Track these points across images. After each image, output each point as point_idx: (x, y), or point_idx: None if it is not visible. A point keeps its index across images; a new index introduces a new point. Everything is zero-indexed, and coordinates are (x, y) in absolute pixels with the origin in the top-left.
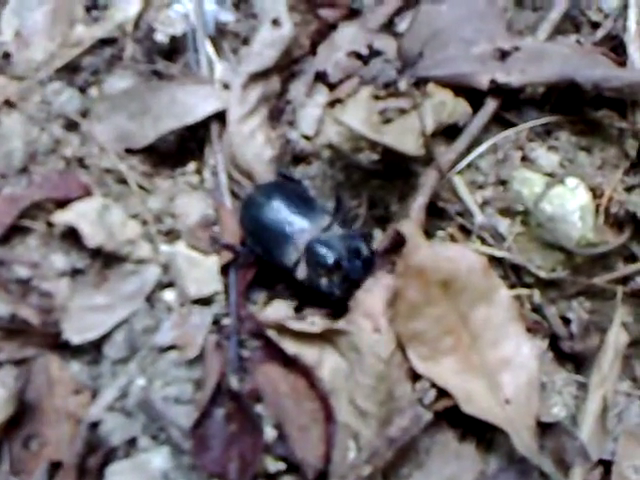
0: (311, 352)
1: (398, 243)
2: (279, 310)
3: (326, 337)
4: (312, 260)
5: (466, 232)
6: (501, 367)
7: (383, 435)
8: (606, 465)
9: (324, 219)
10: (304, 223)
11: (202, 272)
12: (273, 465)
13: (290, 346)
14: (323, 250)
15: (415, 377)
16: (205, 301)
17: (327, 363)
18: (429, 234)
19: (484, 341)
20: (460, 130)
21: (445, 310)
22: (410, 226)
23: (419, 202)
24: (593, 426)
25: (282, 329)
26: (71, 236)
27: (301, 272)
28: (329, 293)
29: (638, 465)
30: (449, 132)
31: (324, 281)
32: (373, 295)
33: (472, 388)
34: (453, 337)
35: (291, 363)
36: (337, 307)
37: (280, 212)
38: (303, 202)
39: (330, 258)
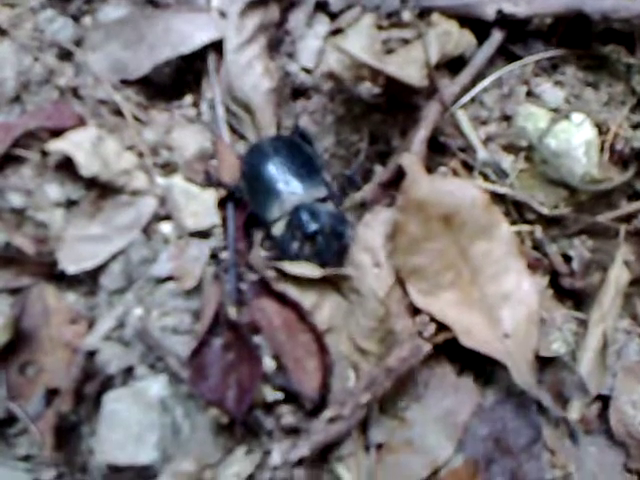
0: (310, 295)
1: (398, 177)
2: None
3: (326, 281)
4: (294, 222)
5: (468, 168)
6: (501, 302)
7: (382, 365)
8: (604, 400)
9: (321, 190)
10: (299, 187)
11: (199, 205)
12: (271, 395)
13: (288, 288)
14: (308, 218)
15: (415, 312)
16: (203, 234)
17: (327, 303)
18: (430, 170)
19: (484, 276)
20: (464, 63)
21: (445, 245)
22: (411, 160)
23: (420, 135)
24: (592, 362)
25: (281, 272)
26: (66, 167)
27: (277, 229)
28: (295, 257)
29: (636, 400)
30: (453, 65)
31: (295, 245)
32: (372, 229)
33: (471, 322)
34: (453, 272)
35: (284, 298)
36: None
37: (280, 168)
38: (307, 166)
39: (311, 227)
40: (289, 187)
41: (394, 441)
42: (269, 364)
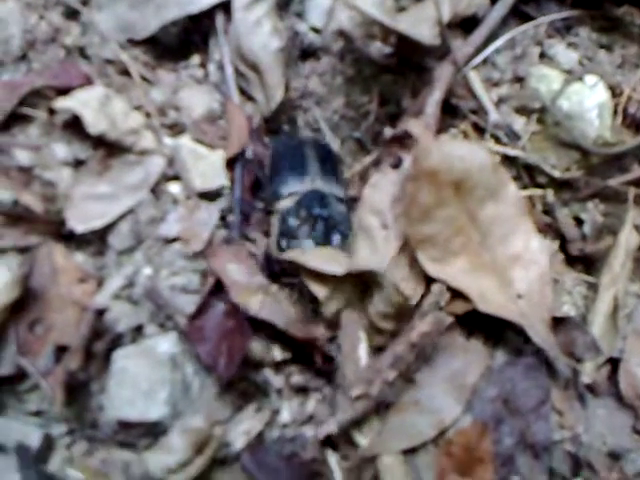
0: (327, 285)
1: (406, 138)
2: None
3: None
4: (303, 200)
5: (480, 130)
6: (511, 263)
7: (406, 340)
8: (614, 363)
9: (340, 192)
10: (323, 178)
11: (207, 166)
12: (280, 354)
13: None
14: (318, 202)
15: (426, 281)
16: (211, 195)
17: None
18: (441, 132)
19: (493, 238)
20: (477, 24)
21: (456, 210)
22: (421, 126)
23: (435, 97)
24: (603, 325)
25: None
26: (73, 126)
27: (284, 204)
28: (290, 235)
29: None
30: (466, 25)
31: (293, 221)
32: (380, 191)
33: (484, 286)
34: (463, 237)
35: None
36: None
37: (311, 158)
38: (336, 170)
39: (317, 210)
40: (314, 173)
41: (402, 401)
42: None
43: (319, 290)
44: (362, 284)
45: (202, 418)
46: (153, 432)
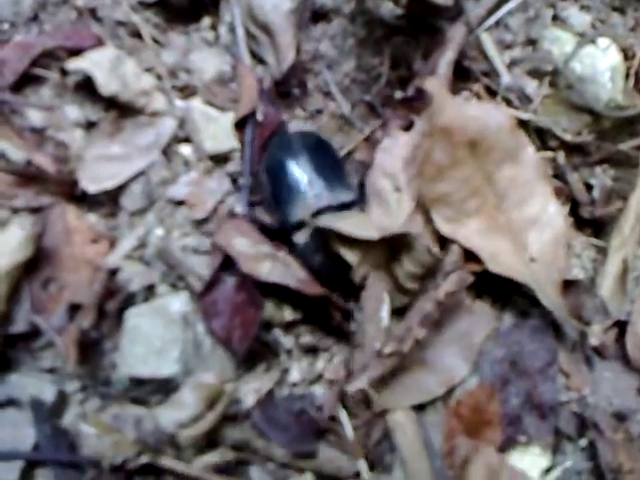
0: (358, 250)
1: (417, 100)
2: None
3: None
4: (317, 232)
5: (491, 93)
6: (527, 226)
7: (432, 298)
8: (622, 326)
9: (346, 195)
10: (325, 189)
11: (218, 128)
12: (290, 314)
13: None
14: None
15: (440, 240)
16: (222, 158)
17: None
18: (453, 94)
19: (510, 201)
20: None
21: (471, 171)
22: (436, 84)
23: (447, 57)
24: (612, 287)
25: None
26: (85, 88)
27: (300, 237)
28: (319, 271)
29: None
30: None
31: (318, 257)
32: (392, 154)
33: (497, 248)
34: (479, 198)
35: None
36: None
37: (308, 167)
38: (334, 167)
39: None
40: (315, 188)
41: (408, 361)
42: None
43: (351, 256)
44: (391, 247)
45: (213, 375)
46: (165, 389)
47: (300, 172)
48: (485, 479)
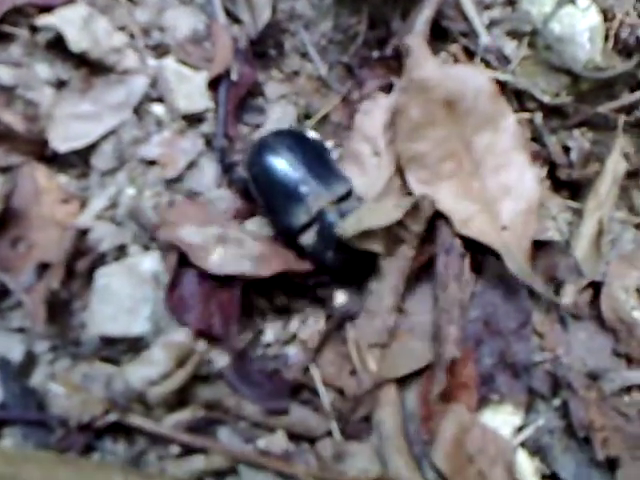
0: None
1: (396, 60)
2: None
3: None
4: (325, 230)
5: (470, 54)
6: (501, 195)
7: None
8: (596, 288)
9: (342, 186)
10: (321, 186)
11: (191, 87)
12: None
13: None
14: (334, 223)
15: None
16: (196, 118)
17: None
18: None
19: (486, 168)
20: None
21: (448, 133)
22: (416, 39)
23: (425, 16)
24: (587, 248)
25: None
26: (55, 46)
27: (307, 238)
28: (331, 267)
29: (628, 285)
30: None
31: (330, 255)
32: (371, 118)
33: (470, 213)
34: (455, 162)
35: None
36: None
37: (297, 167)
38: (323, 162)
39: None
40: (311, 188)
41: (399, 330)
42: None
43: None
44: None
45: (184, 333)
46: (136, 348)
47: (291, 175)
48: (456, 437)
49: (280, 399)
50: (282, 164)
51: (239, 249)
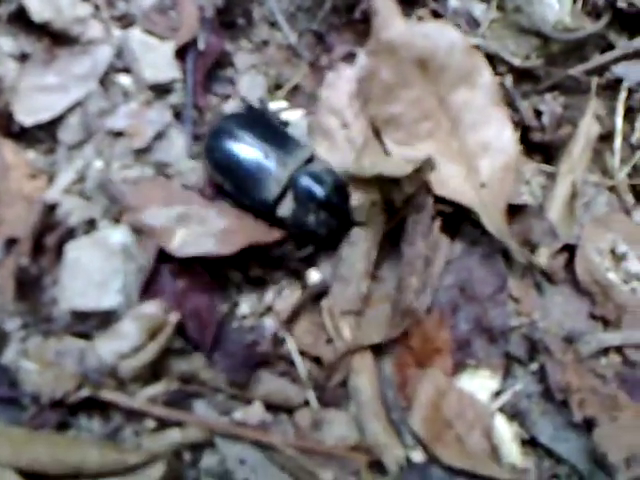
0: None
1: (362, 21)
2: None
3: None
4: (302, 195)
5: (439, 17)
6: (480, 151)
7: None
8: (571, 252)
9: (305, 151)
10: (285, 155)
11: (158, 57)
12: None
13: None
14: (315, 184)
15: None
16: (163, 89)
17: None
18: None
19: (464, 125)
20: None
21: (422, 92)
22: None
23: None
24: (561, 211)
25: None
26: (18, 19)
27: (285, 209)
28: (316, 231)
29: (602, 248)
30: None
31: (312, 218)
32: (337, 90)
33: (448, 172)
34: (431, 121)
35: None
36: (318, 245)
37: (256, 143)
38: (278, 133)
39: (322, 193)
40: (275, 159)
41: (373, 297)
42: None
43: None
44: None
45: (155, 305)
46: (108, 322)
47: (252, 152)
48: (433, 401)
49: (256, 371)
50: (240, 144)
51: (202, 227)
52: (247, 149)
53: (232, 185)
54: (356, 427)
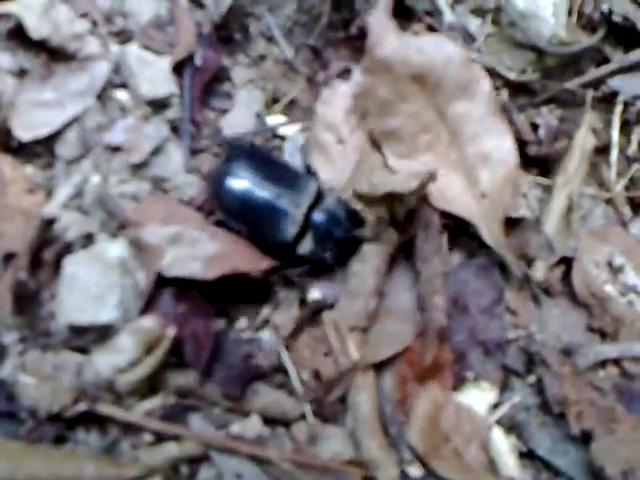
0: None
1: (358, 37)
2: None
3: None
4: (321, 235)
5: (435, 32)
6: (480, 162)
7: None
8: (568, 264)
9: (312, 183)
10: (296, 193)
11: (155, 72)
12: None
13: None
14: (333, 224)
15: None
16: (161, 103)
17: None
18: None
19: (464, 136)
20: None
21: (420, 106)
22: (377, 17)
23: None
24: (557, 224)
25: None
26: (17, 35)
27: (304, 247)
28: (335, 263)
29: (599, 260)
30: None
31: (331, 253)
32: (332, 106)
33: (448, 184)
34: (431, 134)
35: None
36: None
37: (267, 186)
38: (284, 169)
39: (342, 232)
40: (286, 198)
41: (379, 314)
42: None
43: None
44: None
45: (153, 319)
46: (105, 336)
47: (264, 196)
48: (430, 415)
49: (245, 383)
50: (251, 189)
51: (191, 249)
52: (259, 193)
53: (249, 229)
54: (352, 442)
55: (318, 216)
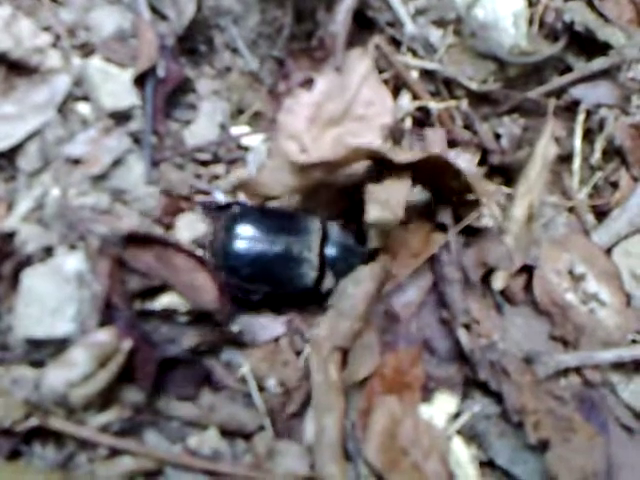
0: None
1: (318, 48)
2: None
3: None
4: (339, 266)
5: (396, 44)
6: None
7: None
8: (529, 273)
9: (314, 220)
10: (304, 237)
11: (117, 85)
12: None
13: None
14: (348, 256)
15: None
16: (123, 116)
17: None
18: (355, 46)
19: None
20: None
21: None
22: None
23: (346, 4)
24: (518, 232)
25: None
26: None
27: (327, 284)
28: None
29: (560, 269)
30: None
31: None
32: (295, 115)
33: None
34: None
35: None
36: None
37: (275, 240)
38: (283, 213)
39: (357, 260)
40: (297, 244)
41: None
42: None
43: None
44: None
45: (108, 332)
46: (62, 350)
47: (276, 250)
48: (387, 430)
49: (210, 397)
50: (262, 248)
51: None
52: (271, 251)
53: (268, 286)
54: (308, 458)
55: (331, 251)
